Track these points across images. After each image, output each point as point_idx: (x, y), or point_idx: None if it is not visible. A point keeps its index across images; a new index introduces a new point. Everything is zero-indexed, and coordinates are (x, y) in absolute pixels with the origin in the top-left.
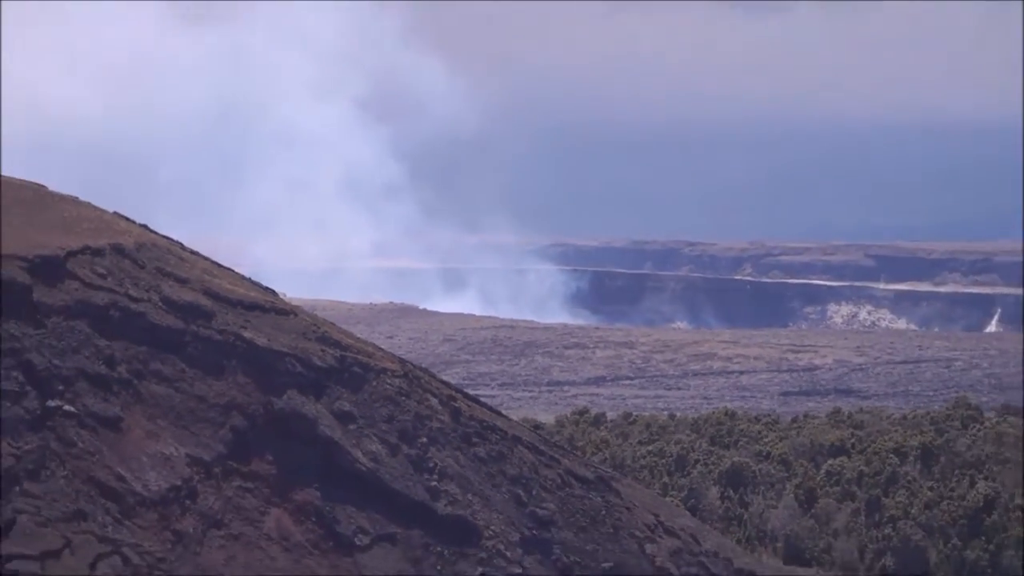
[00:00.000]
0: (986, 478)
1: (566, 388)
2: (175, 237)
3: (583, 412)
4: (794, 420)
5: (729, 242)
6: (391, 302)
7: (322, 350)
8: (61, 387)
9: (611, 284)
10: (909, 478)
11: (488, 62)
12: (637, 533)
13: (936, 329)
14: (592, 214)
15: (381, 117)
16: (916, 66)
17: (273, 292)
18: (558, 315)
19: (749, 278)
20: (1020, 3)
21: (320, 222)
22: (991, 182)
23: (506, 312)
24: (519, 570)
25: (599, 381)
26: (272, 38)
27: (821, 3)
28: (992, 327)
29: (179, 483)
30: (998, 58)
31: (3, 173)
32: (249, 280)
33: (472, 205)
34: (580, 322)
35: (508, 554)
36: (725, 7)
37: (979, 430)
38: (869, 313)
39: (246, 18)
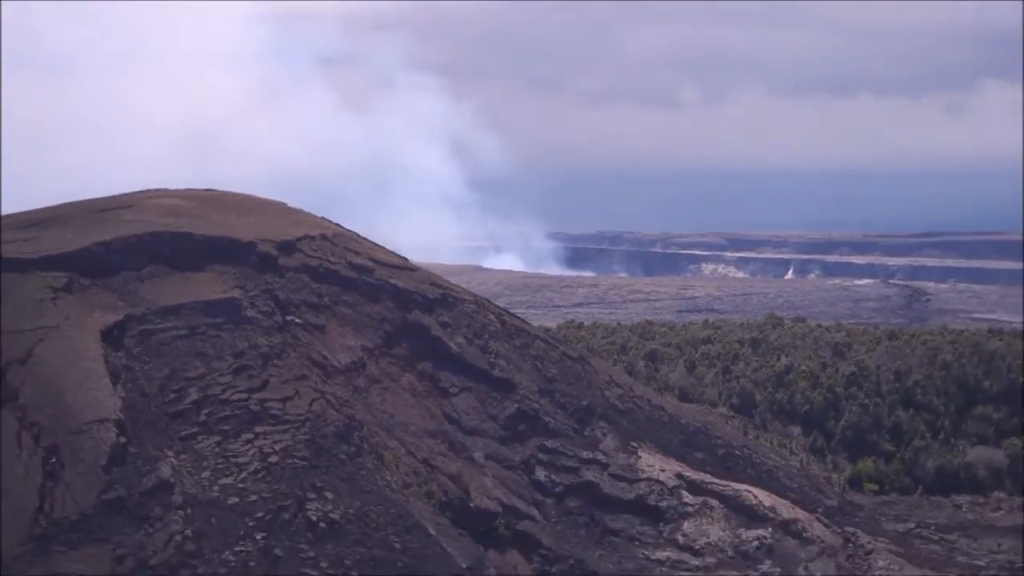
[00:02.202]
0: (786, 356)
1: (562, 309)
2: (353, 229)
3: (571, 322)
4: (684, 326)
5: (650, 232)
6: (469, 264)
7: (432, 289)
8: (293, 309)
9: (585, 253)
10: (745, 356)
11: (521, 133)
12: (600, 386)
13: (758, 276)
14: (576, 215)
15: (462, 163)
16: (753, 134)
17: (405, 259)
18: (557, 271)
19: (660, 250)
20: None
21: (428, 219)
22: (789, 198)
23: (529, 269)
24: (537, 405)
25: (579, 305)
26: (400, 118)
27: (703, 105)
28: (789, 275)
29: (356, 359)
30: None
31: (261, 197)
32: (393, 252)
33: (510, 210)
34: (569, 274)
35: (531, 398)
36: (643, 105)
37: (782, 330)
38: (723, 268)
39: (383, 107)
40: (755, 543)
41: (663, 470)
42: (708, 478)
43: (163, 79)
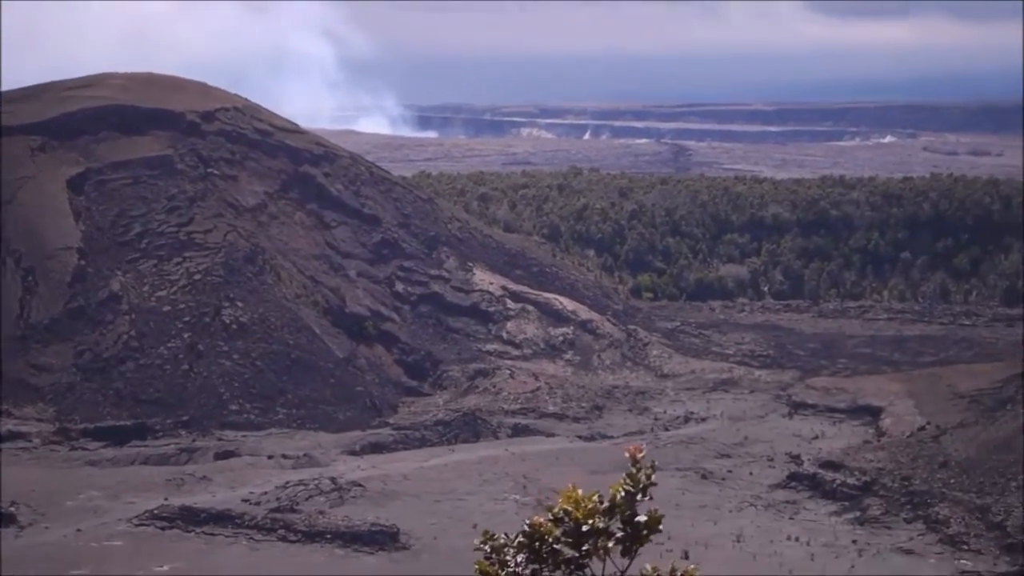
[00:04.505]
0: (584, 197)
1: (416, 163)
2: (256, 102)
3: (423, 172)
4: (507, 175)
5: (481, 104)
6: (344, 128)
7: (317, 147)
8: (212, 163)
9: (433, 120)
10: (553, 197)
11: (382, 29)
12: (444, 220)
13: (563, 138)
14: (425, 90)
15: (337, 51)
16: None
17: (296, 124)
18: (411, 133)
19: (490, 118)
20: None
21: (312, 94)
22: (587, 78)
23: (391, 132)
24: (396, 235)
25: (429, 160)
26: (289, 18)
27: (520, 8)
28: (586, 137)
29: (260, 202)
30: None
31: (187, 79)
32: (287, 120)
33: (375, 86)
34: (420, 136)
35: (392, 230)
36: (473, 7)
37: (581, 178)
38: (536, 131)
39: (276, 10)
40: (561, 338)
41: (491, 283)
42: (526, 289)
43: None
